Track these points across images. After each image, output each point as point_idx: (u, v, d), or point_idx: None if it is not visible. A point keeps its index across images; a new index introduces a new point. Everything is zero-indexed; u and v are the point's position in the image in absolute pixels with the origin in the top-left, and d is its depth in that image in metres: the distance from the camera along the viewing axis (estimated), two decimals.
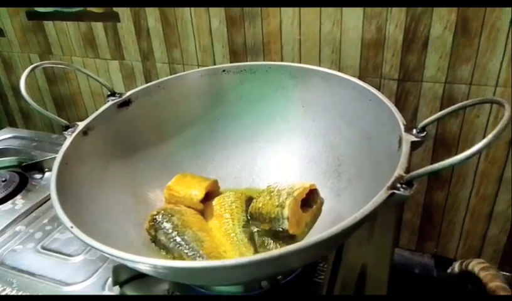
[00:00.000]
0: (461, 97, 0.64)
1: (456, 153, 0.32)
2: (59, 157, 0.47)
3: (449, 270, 0.74)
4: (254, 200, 0.54)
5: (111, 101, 0.57)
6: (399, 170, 0.37)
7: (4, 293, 0.52)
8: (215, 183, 0.59)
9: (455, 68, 0.63)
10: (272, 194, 0.51)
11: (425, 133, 0.42)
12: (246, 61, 0.76)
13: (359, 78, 0.53)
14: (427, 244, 0.79)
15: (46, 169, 0.77)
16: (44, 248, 0.59)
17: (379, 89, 0.51)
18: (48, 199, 0.69)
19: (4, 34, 1.01)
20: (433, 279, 0.76)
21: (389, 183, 0.36)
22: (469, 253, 0.76)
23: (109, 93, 0.58)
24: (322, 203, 0.53)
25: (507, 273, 0.74)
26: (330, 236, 0.33)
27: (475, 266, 0.65)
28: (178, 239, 0.48)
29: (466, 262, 0.69)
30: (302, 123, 0.60)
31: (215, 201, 0.55)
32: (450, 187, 0.72)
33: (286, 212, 0.48)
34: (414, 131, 0.42)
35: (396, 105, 0.65)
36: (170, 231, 0.49)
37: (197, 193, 0.55)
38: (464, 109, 0.65)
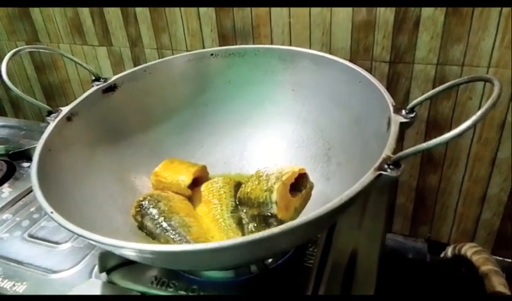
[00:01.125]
0: (453, 78, 0.63)
1: None
2: (41, 142, 0.46)
3: (442, 255, 0.74)
4: (243, 185, 0.53)
5: (96, 86, 0.56)
6: (386, 151, 0.36)
7: None
8: (204, 169, 0.58)
9: (446, 48, 0.62)
10: (261, 178, 0.51)
11: (414, 113, 0.42)
12: (236, 45, 0.74)
13: (350, 60, 0.52)
14: (420, 228, 0.79)
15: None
16: (31, 236, 0.58)
17: (370, 72, 0.50)
18: None
19: None
20: (426, 263, 0.76)
21: (376, 164, 0.35)
22: (463, 236, 0.76)
23: (93, 78, 0.57)
24: (311, 187, 0.52)
25: (501, 258, 0.74)
26: (316, 217, 0.32)
27: (468, 250, 0.65)
28: (165, 224, 0.48)
29: (459, 246, 0.69)
30: (292, 107, 0.59)
31: (203, 187, 0.55)
32: (443, 170, 0.71)
33: (274, 196, 0.48)
34: (403, 112, 0.42)
35: (388, 87, 0.65)
36: (156, 216, 0.49)
37: (185, 179, 0.54)
38: (456, 90, 0.64)
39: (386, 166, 0.35)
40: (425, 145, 0.33)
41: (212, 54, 0.61)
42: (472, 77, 0.38)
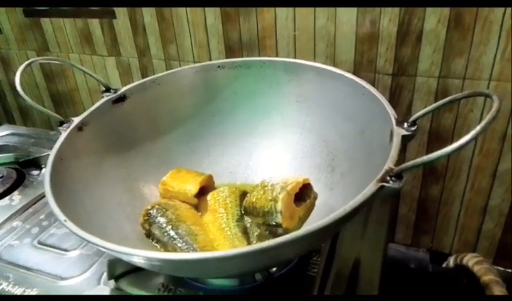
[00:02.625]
0: (455, 91, 0.64)
1: None
2: (53, 151, 0.48)
3: (444, 265, 0.74)
4: (248, 194, 0.54)
5: (106, 97, 0.58)
6: (389, 163, 0.37)
7: (0, 287, 0.52)
8: (210, 178, 0.59)
9: (448, 62, 0.63)
10: (266, 188, 0.52)
11: (415, 127, 0.43)
12: (242, 56, 0.76)
13: (354, 72, 0.53)
14: (422, 238, 0.80)
15: (43, 165, 0.77)
16: (40, 243, 0.59)
17: (373, 84, 0.51)
18: (44, 195, 0.68)
19: (1, 31, 1.02)
20: (428, 273, 0.76)
21: (378, 176, 0.36)
22: (465, 247, 0.76)
23: (104, 88, 0.58)
24: (315, 197, 0.53)
25: (503, 268, 0.74)
26: (320, 227, 0.33)
27: (470, 260, 0.66)
28: (172, 233, 0.49)
29: (461, 256, 0.69)
30: (297, 118, 0.60)
31: (209, 196, 0.56)
32: (445, 181, 0.72)
33: (279, 206, 0.49)
34: (405, 125, 0.43)
35: (391, 99, 0.66)
36: (164, 225, 0.50)
37: (192, 188, 0.55)
38: (458, 103, 0.65)
39: (388, 178, 0.36)
40: (426, 158, 0.34)
41: (219, 66, 0.63)
42: (472, 92, 0.40)
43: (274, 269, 0.49)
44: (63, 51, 0.95)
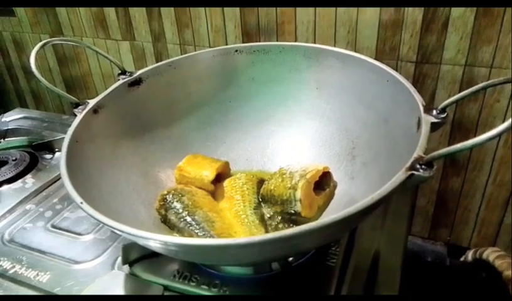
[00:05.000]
0: (481, 80, 0.62)
1: None
2: (69, 133, 0.47)
3: (462, 258, 0.73)
4: (266, 182, 0.53)
5: (121, 80, 0.57)
6: (418, 151, 0.36)
7: (13, 270, 0.52)
8: (226, 165, 0.58)
9: (475, 50, 0.61)
10: (284, 176, 0.50)
11: (445, 114, 0.41)
12: (259, 41, 0.74)
13: (376, 59, 0.51)
14: (440, 231, 0.78)
15: (56, 149, 0.77)
16: (54, 227, 0.59)
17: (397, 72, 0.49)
18: (58, 178, 0.69)
19: (14, 14, 1.01)
20: (445, 267, 0.75)
21: (408, 163, 0.35)
22: (484, 241, 0.75)
23: (119, 71, 0.57)
24: (335, 186, 0.52)
25: None
26: (344, 217, 0.32)
27: (490, 254, 0.64)
28: (189, 219, 0.48)
29: (480, 250, 0.67)
30: (316, 106, 0.59)
31: (226, 183, 0.55)
32: (467, 173, 0.70)
33: (299, 194, 0.48)
34: (434, 112, 0.41)
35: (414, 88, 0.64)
36: (180, 210, 0.49)
37: (208, 174, 0.54)
38: (484, 93, 0.63)
39: (418, 166, 0.34)
40: (459, 145, 0.32)
41: (237, 51, 0.61)
42: (506, 79, 0.37)
43: (291, 258, 0.48)
44: (76, 35, 0.94)
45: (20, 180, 0.69)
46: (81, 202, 0.38)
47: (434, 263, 0.76)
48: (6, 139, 0.83)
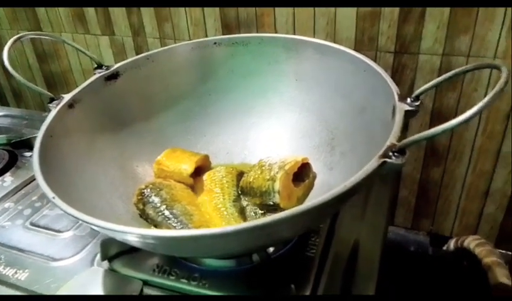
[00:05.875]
0: None
1: None
2: (42, 128, 0.46)
3: (445, 247, 0.74)
4: (245, 174, 0.53)
5: (98, 74, 0.56)
6: (391, 139, 0.36)
7: None
8: (206, 158, 0.58)
9: (453, 39, 0.61)
10: (263, 168, 0.50)
11: (419, 102, 0.41)
12: (239, 34, 0.74)
13: (355, 50, 0.51)
14: (423, 222, 0.79)
15: None
16: (33, 224, 0.58)
17: (375, 62, 0.49)
18: None
19: None
20: (428, 257, 0.75)
21: (380, 152, 0.35)
22: (465, 230, 0.76)
23: (96, 65, 0.56)
24: (314, 177, 0.52)
25: (504, 251, 0.74)
26: (319, 204, 0.32)
27: (471, 242, 0.65)
28: (167, 212, 0.47)
29: (462, 239, 0.68)
30: (295, 97, 0.59)
31: (205, 176, 0.54)
32: (447, 163, 0.71)
33: (277, 185, 0.48)
34: (408, 100, 0.41)
35: (393, 78, 0.63)
36: (158, 204, 0.48)
37: (187, 167, 0.54)
38: (462, 81, 0.63)
39: (390, 153, 0.35)
40: (430, 131, 0.33)
41: (215, 43, 0.61)
42: (479, 64, 0.38)
43: (271, 250, 0.48)
44: (55, 30, 0.93)
45: None
46: (53, 197, 0.37)
47: (417, 253, 0.76)
48: None
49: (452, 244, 0.72)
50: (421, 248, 0.76)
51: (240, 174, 0.54)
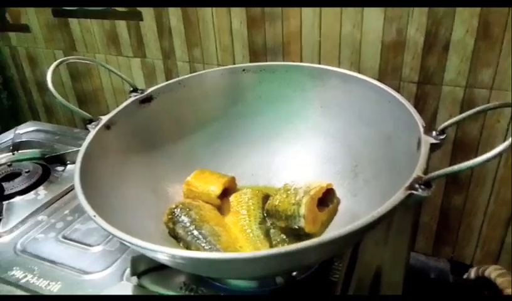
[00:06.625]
0: (481, 101, 0.64)
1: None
2: (83, 148, 0.49)
3: (465, 276, 0.73)
4: (271, 197, 0.54)
5: (133, 97, 0.59)
6: (417, 171, 0.37)
7: (25, 280, 0.53)
8: (233, 180, 0.60)
9: (476, 72, 0.62)
10: (289, 192, 0.52)
11: (444, 135, 0.42)
12: (266, 61, 0.76)
13: (378, 80, 0.53)
14: (443, 248, 0.79)
15: (68, 162, 0.79)
16: (65, 238, 0.60)
17: (398, 92, 0.51)
18: (69, 190, 0.71)
19: (29, 30, 1.04)
20: (448, 284, 0.75)
21: (407, 183, 0.36)
22: (487, 258, 0.75)
23: (131, 89, 0.59)
24: (338, 203, 0.53)
25: None
26: (347, 233, 0.33)
27: (492, 272, 0.65)
28: (196, 232, 0.49)
29: (483, 268, 0.68)
30: (320, 124, 0.60)
31: (232, 197, 0.56)
32: (469, 191, 0.71)
33: (302, 210, 0.49)
34: (433, 133, 0.42)
35: (416, 107, 0.65)
36: (188, 224, 0.50)
37: (215, 189, 0.56)
38: (485, 113, 0.64)
39: (417, 186, 0.36)
40: (457, 167, 0.34)
41: (244, 70, 0.63)
42: (504, 103, 0.39)
43: (295, 273, 0.49)
44: (89, 51, 0.97)
45: (32, 192, 0.71)
46: (95, 215, 0.39)
47: (437, 280, 0.76)
48: (19, 151, 0.85)
49: (472, 272, 0.72)
50: (442, 275, 0.76)
51: (266, 197, 0.56)
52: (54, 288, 0.52)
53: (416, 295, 0.65)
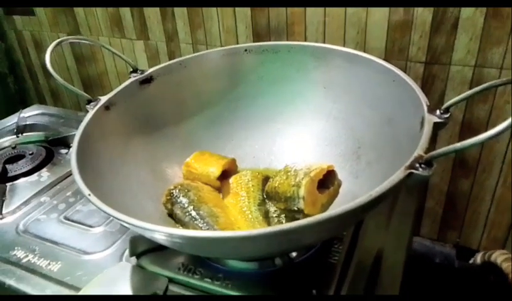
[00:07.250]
0: (491, 81, 0.61)
1: None
2: (80, 129, 0.49)
3: (471, 261, 0.72)
4: (270, 179, 0.54)
5: (133, 78, 0.58)
6: (418, 150, 0.36)
7: (26, 259, 0.54)
8: (233, 162, 0.59)
9: (485, 51, 0.60)
10: (289, 173, 0.51)
11: (448, 114, 0.41)
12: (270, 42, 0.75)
13: (385, 60, 0.52)
14: (449, 233, 0.77)
15: (71, 144, 0.78)
16: (66, 219, 0.61)
17: (405, 72, 0.50)
18: (72, 173, 0.71)
19: (34, 13, 1.04)
20: (454, 269, 0.74)
21: (407, 162, 0.35)
22: (493, 243, 0.74)
23: (131, 69, 0.59)
24: (339, 185, 0.52)
25: None
26: (343, 212, 0.33)
27: (498, 257, 0.63)
28: (193, 213, 0.49)
29: (489, 253, 0.67)
30: (323, 105, 0.59)
31: (232, 179, 0.56)
32: (476, 175, 0.70)
33: (302, 191, 0.48)
34: (437, 112, 0.41)
35: (423, 88, 0.63)
36: (186, 205, 0.50)
37: (215, 170, 0.55)
38: (494, 93, 0.62)
39: (417, 165, 0.35)
40: (459, 145, 0.33)
41: (246, 50, 0.62)
42: (508, 79, 0.37)
43: (294, 254, 0.48)
44: (93, 34, 0.97)
45: (36, 174, 0.72)
46: (89, 194, 0.39)
47: (442, 265, 0.75)
48: (24, 134, 0.86)
49: (478, 257, 0.70)
50: (447, 260, 0.75)
51: (266, 179, 0.55)
52: (55, 268, 0.52)
53: (422, 280, 0.64)
